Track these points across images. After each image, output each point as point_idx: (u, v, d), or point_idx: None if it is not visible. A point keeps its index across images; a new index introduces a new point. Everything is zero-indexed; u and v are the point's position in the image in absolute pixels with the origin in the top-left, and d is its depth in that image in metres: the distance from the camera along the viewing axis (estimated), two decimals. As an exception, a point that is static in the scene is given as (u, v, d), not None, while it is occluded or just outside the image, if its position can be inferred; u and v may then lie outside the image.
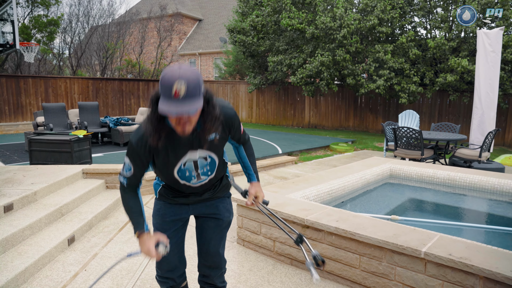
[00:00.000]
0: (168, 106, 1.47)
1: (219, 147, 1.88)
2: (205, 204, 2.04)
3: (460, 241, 2.62)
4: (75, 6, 19.24)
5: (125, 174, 1.84)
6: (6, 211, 3.74)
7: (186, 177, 1.86)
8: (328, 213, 3.22)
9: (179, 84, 1.46)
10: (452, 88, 11.56)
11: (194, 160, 1.83)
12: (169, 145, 1.74)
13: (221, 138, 1.85)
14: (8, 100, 13.42)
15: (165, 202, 2.02)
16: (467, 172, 5.15)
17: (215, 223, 2.07)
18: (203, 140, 1.78)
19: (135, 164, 1.79)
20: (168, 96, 1.48)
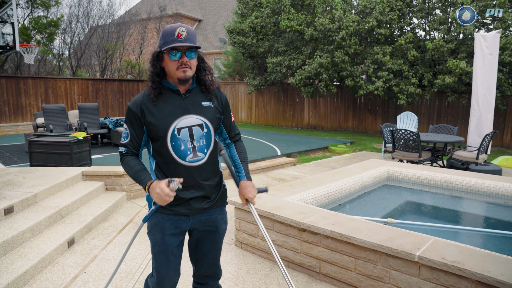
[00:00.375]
0: (174, 43, 1.72)
1: (214, 118, 1.91)
2: (205, 214, 1.98)
3: (454, 245, 2.66)
4: (75, 7, 19.26)
5: (123, 141, 1.89)
6: (6, 213, 3.78)
7: (181, 152, 1.82)
8: (325, 217, 3.26)
9: (181, 29, 1.75)
10: (450, 89, 11.61)
11: (189, 127, 1.83)
12: (163, 104, 1.82)
13: (216, 110, 1.93)
14: (8, 101, 13.45)
15: (163, 213, 1.90)
16: (463, 174, 5.20)
17: (213, 236, 2.03)
18: (198, 105, 1.87)
19: (132, 127, 1.85)
20: (172, 38, 1.74)
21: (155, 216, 1.92)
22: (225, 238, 4.00)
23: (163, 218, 1.90)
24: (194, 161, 1.85)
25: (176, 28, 1.75)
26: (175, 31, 1.74)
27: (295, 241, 3.25)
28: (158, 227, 1.91)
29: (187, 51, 1.77)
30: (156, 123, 1.79)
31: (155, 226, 1.91)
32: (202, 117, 1.86)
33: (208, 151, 1.89)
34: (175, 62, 1.76)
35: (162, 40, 1.77)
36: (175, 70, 1.78)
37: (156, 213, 1.92)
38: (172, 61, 1.77)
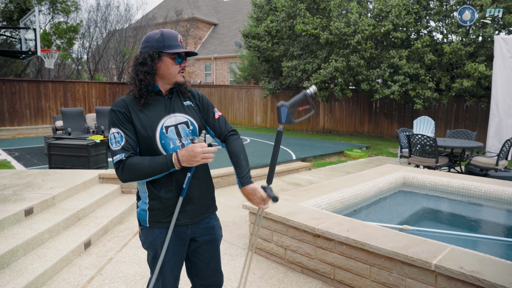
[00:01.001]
0: (179, 48, 1.80)
1: (197, 116, 1.91)
2: (203, 222, 1.93)
3: (472, 254, 2.61)
4: (94, 12, 19.67)
5: (119, 146, 1.72)
6: (26, 214, 3.87)
7: (172, 150, 1.78)
8: (339, 223, 3.23)
9: (179, 36, 1.85)
10: (468, 93, 11.40)
11: (175, 125, 1.82)
12: (148, 106, 1.80)
13: (196, 108, 1.94)
14: (29, 104, 13.80)
15: (161, 228, 1.83)
16: (482, 181, 5.08)
17: (212, 245, 1.98)
18: (180, 104, 1.89)
19: (124, 127, 1.74)
20: (176, 43, 1.81)
21: (151, 232, 1.84)
22: (239, 243, 4.01)
23: (162, 233, 1.83)
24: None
25: (177, 34, 1.83)
26: (177, 37, 1.82)
27: (309, 247, 3.24)
28: (157, 242, 1.83)
29: (186, 57, 1.88)
30: (144, 123, 1.76)
31: (154, 242, 1.84)
32: (186, 115, 1.87)
33: None
34: (177, 66, 1.82)
35: (163, 42, 1.78)
36: (176, 74, 1.82)
37: (152, 229, 1.83)
38: (175, 65, 1.81)
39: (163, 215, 1.82)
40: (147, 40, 1.81)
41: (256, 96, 17.44)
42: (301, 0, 13.05)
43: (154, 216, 1.82)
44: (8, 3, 15.07)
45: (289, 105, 1.82)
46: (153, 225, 1.83)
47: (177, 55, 1.81)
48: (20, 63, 16.39)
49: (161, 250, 1.83)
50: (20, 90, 13.55)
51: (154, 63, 1.77)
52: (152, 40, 1.79)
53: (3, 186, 4.65)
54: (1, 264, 3.06)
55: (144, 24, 21.68)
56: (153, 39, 1.79)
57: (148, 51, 1.79)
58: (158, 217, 1.82)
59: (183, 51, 1.81)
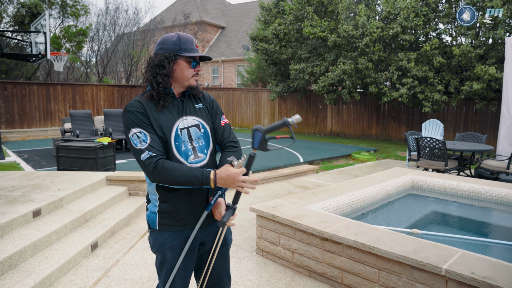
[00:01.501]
0: (195, 52, 1.81)
1: (207, 119, 1.91)
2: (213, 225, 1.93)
3: (484, 259, 2.55)
4: (103, 15, 19.81)
5: (146, 144, 1.69)
6: (34, 216, 3.89)
7: (183, 152, 1.78)
8: (347, 226, 3.20)
9: (195, 40, 1.86)
10: (478, 96, 11.27)
11: (187, 127, 1.82)
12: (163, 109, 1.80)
13: (207, 111, 1.94)
14: (38, 106, 13.95)
15: (170, 232, 1.82)
16: (493, 184, 5.00)
17: (222, 249, 1.98)
18: (192, 107, 1.88)
19: (147, 127, 1.72)
20: (192, 47, 1.82)
21: (160, 235, 1.82)
22: (246, 246, 3.99)
23: (171, 236, 1.82)
24: (196, 162, 1.81)
25: (193, 38, 1.84)
26: (193, 41, 1.83)
27: (317, 250, 3.20)
28: (166, 246, 1.82)
29: (200, 61, 1.88)
30: (161, 124, 1.75)
31: (162, 246, 1.83)
32: (197, 117, 1.87)
33: (208, 152, 1.86)
34: (192, 70, 1.82)
35: (179, 45, 1.78)
36: (190, 78, 1.82)
37: (162, 232, 1.83)
38: (190, 69, 1.81)
39: (172, 218, 1.81)
40: (163, 42, 1.80)
41: (263, 99, 17.44)
42: (309, 3, 13.03)
43: (164, 219, 1.81)
44: (20, 8, 15.30)
45: (265, 130, 1.77)
46: (163, 228, 1.82)
47: (192, 59, 1.81)
48: (30, 66, 16.60)
49: (170, 254, 1.82)
50: (30, 93, 13.70)
51: (171, 65, 1.77)
52: (169, 42, 1.79)
53: (12, 188, 4.68)
54: (9, 265, 3.07)
55: (152, 28, 21.83)
56: (169, 41, 1.79)
57: (164, 53, 1.78)
58: (167, 220, 1.81)
59: (198, 55, 1.81)
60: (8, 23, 15.86)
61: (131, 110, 1.74)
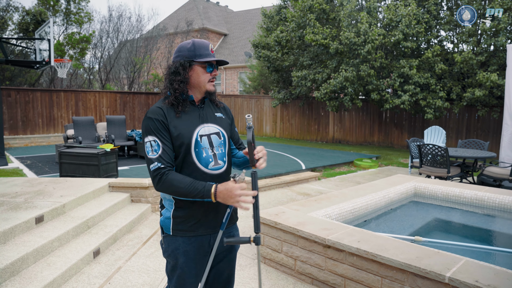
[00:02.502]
0: (210, 57, 1.82)
1: (227, 128, 1.94)
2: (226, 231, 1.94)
3: (488, 267, 2.54)
4: (106, 22, 19.96)
5: (156, 155, 1.72)
6: (37, 222, 3.89)
7: (204, 159, 1.79)
8: (350, 233, 3.19)
9: (211, 45, 1.85)
10: (480, 103, 11.26)
11: (208, 135, 1.83)
12: (183, 114, 1.82)
13: (227, 121, 1.97)
14: (41, 112, 14.01)
15: (184, 237, 1.83)
16: (496, 192, 4.98)
17: (231, 256, 1.99)
18: (212, 114, 1.91)
19: (162, 136, 1.74)
20: (207, 52, 1.82)
21: (174, 240, 1.84)
22: (248, 253, 3.98)
23: (184, 242, 1.83)
24: (216, 168, 1.83)
25: (209, 44, 1.85)
26: (209, 46, 1.83)
27: (320, 258, 3.19)
28: (179, 251, 1.83)
29: (217, 66, 1.88)
30: (181, 130, 1.77)
31: (176, 251, 1.84)
32: (217, 125, 1.89)
33: (226, 160, 1.90)
34: (208, 75, 1.83)
35: (194, 52, 1.81)
36: (206, 83, 1.84)
37: (176, 237, 1.84)
38: (205, 74, 1.83)
39: (186, 223, 1.82)
40: (179, 49, 1.85)
41: (265, 106, 17.48)
42: (311, 11, 13.11)
43: (178, 224, 1.82)
44: (25, 15, 15.44)
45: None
46: (177, 234, 1.83)
47: (208, 63, 1.83)
48: (34, 73, 16.71)
49: (183, 260, 1.83)
50: (33, 99, 13.78)
51: (186, 72, 1.81)
52: (184, 49, 1.83)
53: (15, 194, 4.70)
54: (11, 271, 3.07)
55: (155, 35, 21.97)
56: (185, 48, 1.83)
57: (179, 60, 1.82)
58: (182, 225, 1.82)
59: (214, 60, 1.83)
60: (13, 31, 15.99)
61: (150, 116, 1.78)
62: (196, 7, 29.21)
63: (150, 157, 1.73)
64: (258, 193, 1.77)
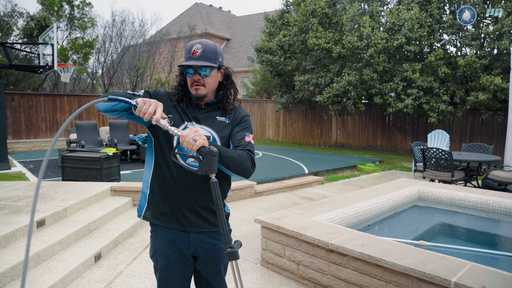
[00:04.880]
0: (187, 61, 1.76)
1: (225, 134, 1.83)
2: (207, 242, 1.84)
3: (494, 272, 2.49)
4: (109, 27, 20.03)
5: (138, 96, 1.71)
6: (38, 226, 3.87)
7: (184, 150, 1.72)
8: (353, 237, 3.15)
9: (197, 46, 1.76)
10: (484, 106, 11.21)
11: None
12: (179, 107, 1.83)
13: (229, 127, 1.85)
14: (45, 117, 14.06)
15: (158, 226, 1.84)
16: (502, 196, 4.93)
17: (216, 268, 1.89)
18: (212, 118, 1.83)
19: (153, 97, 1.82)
20: (188, 55, 1.77)
21: (155, 242, 1.86)
22: (251, 258, 3.94)
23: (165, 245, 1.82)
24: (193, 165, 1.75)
25: (193, 45, 1.76)
26: (191, 48, 1.76)
27: (323, 262, 3.15)
28: (160, 253, 1.83)
29: (199, 68, 1.75)
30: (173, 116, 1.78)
31: (156, 253, 1.85)
32: (211, 129, 1.81)
33: None
34: (190, 79, 1.79)
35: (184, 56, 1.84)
36: (190, 87, 1.80)
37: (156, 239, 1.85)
38: (188, 78, 1.80)
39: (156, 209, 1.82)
40: None
41: (268, 110, 17.47)
42: (313, 15, 13.12)
43: (150, 209, 1.85)
44: (29, 21, 15.54)
45: None
46: (147, 218, 1.86)
47: (185, 68, 1.78)
48: (38, 78, 16.79)
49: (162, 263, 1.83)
50: (36, 104, 13.83)
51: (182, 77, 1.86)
52: None
53: (17, 198, 4.69)
54: (11, 275, 3.05)
55: (158, 40, 22.05)
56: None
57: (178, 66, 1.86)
58: (152, 211, 1.84)
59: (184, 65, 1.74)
60: (18, 36, 16.10)
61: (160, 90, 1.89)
62: (199, 12, 29.35)
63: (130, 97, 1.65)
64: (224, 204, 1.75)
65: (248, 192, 6.63)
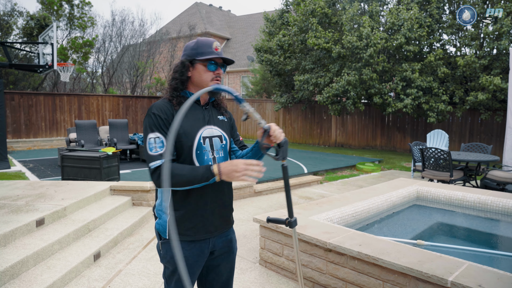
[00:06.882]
0: (212, 54, 1.75)
1: (228, 132, 1.92)
2: (223, 235, 1.90)
3: (491, 271, 2.51)
4: (109, 27, 20.03)
5: (159, 151, 1.63)
6: (38, 225, 3.89)
7: (205, 162, 1.75)
8: (351, 237, 3.16)
9: (217, 43, 1.79)
10: (483, 106, 11.22)
11: (210, 137, 1.79)
12: (188, 115, 1.76)
13: (228, 125, 1.94)
14: (44, 116, 14.06)
15: (183, 241, 1.77)
16: (500, 195, 4.94)
17: (229, 258, 1.95)
18: (215, 117, 1.88)
19: (165, 134, 1.67)
20: (210, 49, 1.77)
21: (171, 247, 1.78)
22: (249, 257, 3.95)
23: (184, 247, 1.76)
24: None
25: (212, 42, 1.78)
26: (212, 44, 1.77)
27: (321, 262, 3.17)
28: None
29: (221, 65, 1.80)
30: (185, 129, 1.71)
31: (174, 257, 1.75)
32: (220, 129, 1.86)
33: None
34: (210, 73, 1.76)
35: (196, 50, 1.77)
36: (209, 81, 1.76)
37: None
38: (207, 72, 1.76)
39: (184, 227, 1.76)
40: (184, 49, 1.83)
41: (268, 109, 17.48)
42: (313, 15, 13.13)
43: (176, 228, 1.76)
44: (29, 20, 15.55)
45: None
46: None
47: (209, 61, 1.76)
48: (37, 77, 16.79)
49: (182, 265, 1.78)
50: (36, 103, 13.84)
51: (185, 70, 1.77)
52: (188, 48, 1.81)
53: (16, 197, 4.70)
54: (11, 274, 3.06)
55: (158, 39, 22.06)
56: (189, 47, 1.81)
57: (183, 59, 1.80)
58: (180, 229, 1.75)
59: (216, 57, 1.75)
60: (18, 35, 16.10)
61: (154, 112, 1.70)
62: (199, 12, 29.35)
63: (151, 154, 1.64)
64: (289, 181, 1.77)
65: (247, 192, 6.65)
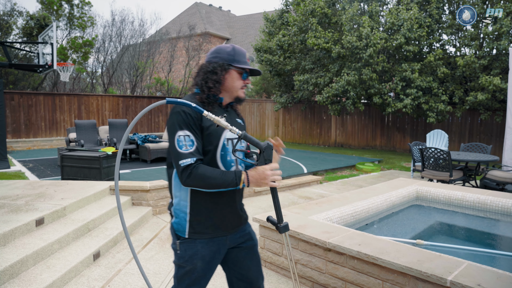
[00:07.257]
0: (247, 65, 1.87)
1: None
2: (240, 231, 1.95)
3: (490, 271, 2.51)
4: (109, 27, 20.03)
5: (189, 150, 1.66)
6: (37, 225, 3.89)
7: (227, 162, 1.80)
8: (351, 236, 3.17)
9: (248, 54, 1.93)
10: (483, 107, 11.23)
11: (233, 139, 1.83)
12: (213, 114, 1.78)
13: (244, 127, 2.02)
14: (44, 116, 14.06)
15: (201, 240, 1.80)
16: (499, 195, 4.95)
17: (250, 250, 1.97)
18: (234, 120, 1.94)
19: (195, 132, 1.70)
20: (244, 59, 1.87)
21: (192, 245, 1.79)
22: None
23: (203, 246, 1.80)
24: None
25: (245, 52, 1.89)
26: (245, 55, 1.88)
27: (320, 261, 3.17)
28: (198, 256, 1.79)
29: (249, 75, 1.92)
30: (211, 130, 1.74)
31: (194, 256, 1.79)
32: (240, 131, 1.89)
33: (243, 166, 1.93)
34: (241, 81, 1.86)
35: (233, 56, 1.83)
36: (238, 89, 1.86)
37: (194, 241, 1.79)
38: (240, 80, 1.85)
39: (203, 225, 1.80)
40: (217, 51, 1.84)
41: (267, 109, 17.49)
42: (313, 15, 13.14)
43: (195, 227, 1.79)
44: (29, 20, 15.55)
45: None
46: (193, 236, 1.79)
47: (244, 71, 1.85)
48: (37, 77, 16.79)
49: (200, 264, 1.80)
50: (36, 103, 13.84)
51: (223, 73, 1.81)
52: (224, 52, 1.83)
53: (16, 196, 4.70)
54: (10, 274, 3.06)
55: (158, 39, 22.06)
56: (224, 51, 1.83)
57: (218, 61, 1.82)
58: (199, 227, 1.79)
59: (249, 68, 1.86)
60: (17, 35, 16.10)
61: (184, 110, 1.69)
62: (198, 12, 29.37)
63: (182, 152, 1.65)
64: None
65: (247, 191, 6.65)
